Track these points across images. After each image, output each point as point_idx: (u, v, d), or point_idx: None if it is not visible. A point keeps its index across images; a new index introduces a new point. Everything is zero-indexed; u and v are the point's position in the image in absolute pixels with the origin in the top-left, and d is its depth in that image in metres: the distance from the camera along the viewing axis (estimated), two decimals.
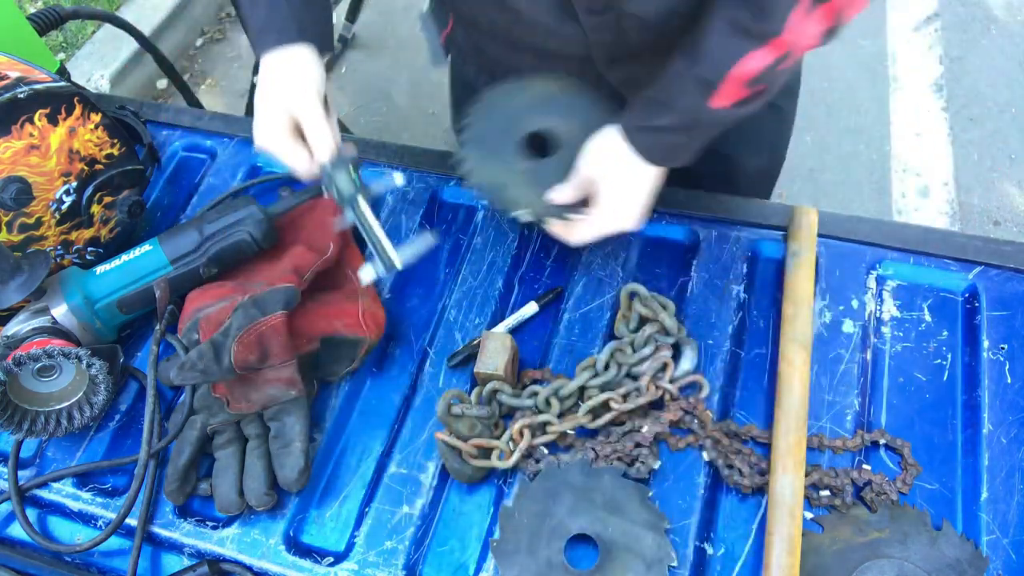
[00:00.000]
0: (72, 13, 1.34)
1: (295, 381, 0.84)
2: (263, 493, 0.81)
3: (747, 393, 0.87)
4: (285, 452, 0.82)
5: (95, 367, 0.83)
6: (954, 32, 2.67)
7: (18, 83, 0.87)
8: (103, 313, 0.91)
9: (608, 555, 0.76)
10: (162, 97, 2.75)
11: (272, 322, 0.82)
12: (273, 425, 0.84)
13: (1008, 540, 0.76)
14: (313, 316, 0.89)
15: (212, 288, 0.92)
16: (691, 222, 1.00)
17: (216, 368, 0.80)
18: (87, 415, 0.87)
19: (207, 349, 0.80)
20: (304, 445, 0.82)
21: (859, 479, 0.80)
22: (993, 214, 2.26)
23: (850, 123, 2.48)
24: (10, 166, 0.86)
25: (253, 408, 0.84)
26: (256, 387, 0.84)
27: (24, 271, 0.87)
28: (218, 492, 0.82)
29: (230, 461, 0.83)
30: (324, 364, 0.90)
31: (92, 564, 0.84)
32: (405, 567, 0.80)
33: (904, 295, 0.93)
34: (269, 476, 0.82)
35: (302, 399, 0.84)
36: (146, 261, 0.92)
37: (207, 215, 0.95)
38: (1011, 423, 0.83)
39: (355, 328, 0.89)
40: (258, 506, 0.81)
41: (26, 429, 0.84)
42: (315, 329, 0.88)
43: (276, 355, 0.83)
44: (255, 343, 0.82)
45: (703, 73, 0.75)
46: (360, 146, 1.12)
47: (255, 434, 0.84)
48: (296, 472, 0.81)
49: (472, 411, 0.83)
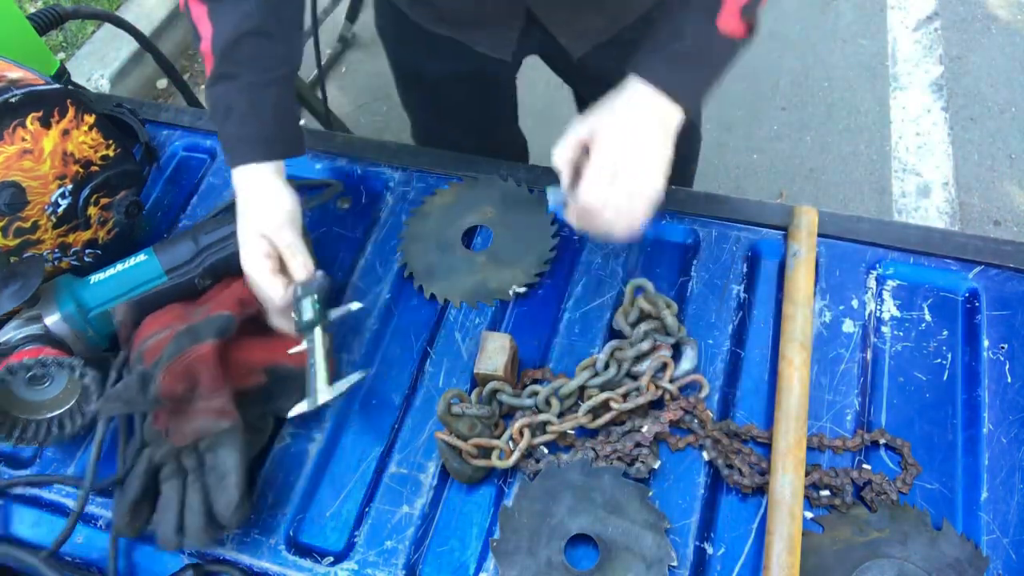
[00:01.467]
0: (72, 13, 1.34)
1: (227, 412, 0.80)
2: (200, 528, 0.77)
3: (747, 393, 0.87)
4: (220, 487, 0.78)
5: (87, 377, 0.83)
6: (954, 32, 2.66)
7: (9, 87, 0.87)
8: (96, 322, 0.90)
9: (608, 555, 0.76)
10: (162, 97, 2.75)
11: (201, 351, 0.80)
12: (208, 457, 0.80)
13: (1008, 540, 0.76)
14: (255, 347, 0.87)
15: (161, 315, 0.89)
16: (691, 222, 1.00)
17: (141, 399, 0.78)
18: (78, 424, 0.86)
19: (134, 380, 0.78)
20: (238, 478, 0.78)
21: (859, 479, 0.80)
22: (993, 214, 2.26)
23: (850, 123, 2.48)
24: (3, 171, 0.85)
25: (187, 440, 0.81)
26: (188, 419, 0.81)
27: (18, 279, 0.86)
28: (159, 528, 0.79)
29: (172, 494, 0.80)
30: (276, 398, 0.87)
31: (92, 564, 0.84)
32: (405, 567, 0.80)
33: (904, 295, 0.93)
34: (207, 510, 0.78)
35: (235, 430, 0.81)
36: (141, 271, 0.91)
37: (203, 225, 0.94)
38: (1011, 423, 0.83)
39: (301, 360, 0.85)
40: (196, 543, 0.78)
41: (16, 437, 0.84)
42: (257, 360, 0.86)
43: (205, 385, 0.80)
44: (183, 373, 0.79)
45: (706, 2, 0.80)
46: (360, 146, 1.12)
47: (193, 467, 0.81)
48: (230, 509, 0.77)
49: (472, 411, 0.83)
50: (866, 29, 2.71)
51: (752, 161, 2.44)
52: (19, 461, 0.91)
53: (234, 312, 0.85)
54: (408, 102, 1.40)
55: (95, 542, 0.84)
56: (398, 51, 1.28)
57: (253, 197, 0.88)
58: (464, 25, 1.09)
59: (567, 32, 1.06)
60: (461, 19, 1.08)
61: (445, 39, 1.11)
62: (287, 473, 0.86)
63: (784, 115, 2.53)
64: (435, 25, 1.11)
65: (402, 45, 1.25)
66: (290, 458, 0.87)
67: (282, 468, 0.87)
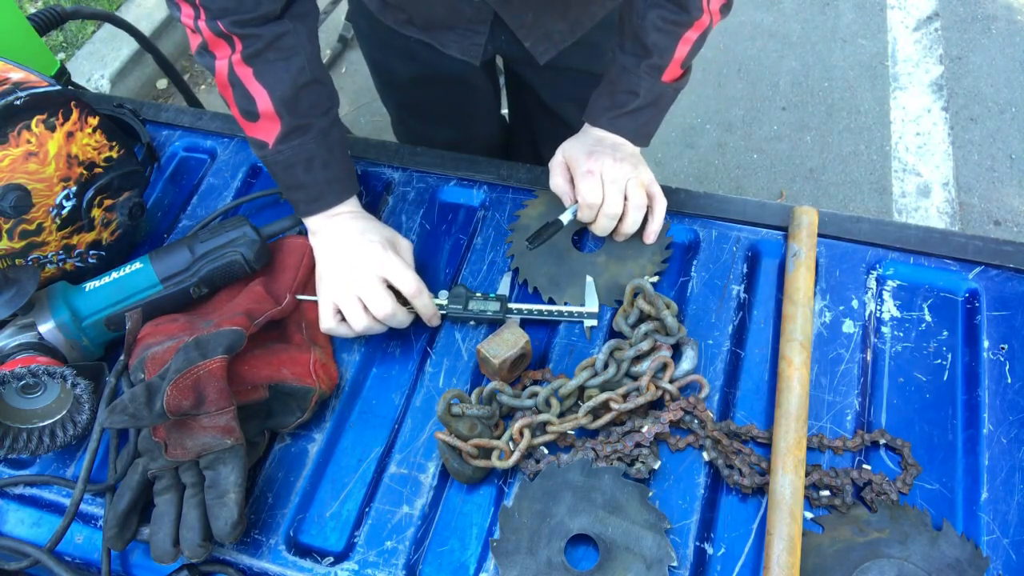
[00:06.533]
0: (72, 13, 1.34)
1: (231, 429, 0.79)
2: (197, 544, 0.77)
3: (747, 393, 0.87)
4: (219, 503, 0.78)
5: (80, 387, 0.83)
6: (954, 32, 2.67)
7: (15, 88, 0.86)
8: (91, 330, 0.90)
9: (608, 555, 0.76)
10: (162, 97, 2.75)
11: (210, 366, 0.78)
12: (208, 474, 0.79)
13: (1008, 540, 0.76)
14: (259, 362, 0.86)
15: (163, 324, 0.88)
16: (691, 222, 1.00)
17: (147, 413, 0.76)
18: (70, 433, 0.86)
19: (140, 392, 0.76)
20: (238, 496, 0.78)
21: (859, 479, 0.80)
22: (993, 214, 2.26)
23: (850, 123, 2.49)
24: (8, 174, 0.85)
25: (188, 455, 0.79)
26: (191, 434, 0.79)
27: (12, 286, 0.86)
28: (153, 540, 0.78)
29: (167, 508, 0.79)
30: (275, 415, 0.87)
31: (92, 564, 0.84)
32: (405, 567, 0.80)
33: (904, 295, 0.93)
34: (204, 526, 0.78)
35: (239, 448, 0.80)
36: (136, 279, 0.91)
37: (200, 234, 0.94)
38: (1011, 423, 0.83)
39: (304, 378, 0.86)
40: (192, 557, 0.77)
41: (8, 446, 0.84)
42: (261, 376, 0.85)
43: (212, 401, 0.78)
44: (190, 388, 0.77)
45: (655, 62, 0.94)
46: (360, 146, 1.12)
47: (191, 482, 0.80)
48: (228, 526, 0.77)
49: (472, 411, 0.83)
50: (866, 29, 2.71)
51: (752, 161, 2.44)
52: (18, 461, 0.91)
53: (243, 327, 0.84)
54: (385, 100, 1.45)
55: (95, 542, 0.84)
56: (373, 52, 1.31)
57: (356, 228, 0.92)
58: (433, 29, 1.13)
59: (532, 36, 1.11)
60: (430, 23, 1.11)
61: (416, 41, 1.15)
62: (287, 473, 0.86)
63: (784, 115, 2.53)
64: (405, 28, 1.14)
65: (376, 46, 1.29)
66: (290, 458, 0.87)
67: (282, 468, 0.87)
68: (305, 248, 0.97)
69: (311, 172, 0.91)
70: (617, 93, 0.96)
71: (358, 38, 1.32)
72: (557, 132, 1.10)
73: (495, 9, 1.05)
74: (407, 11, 1.12)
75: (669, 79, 0.95)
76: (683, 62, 0.95)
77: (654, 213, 0.96)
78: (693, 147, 2.48)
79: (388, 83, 1.37)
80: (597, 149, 0.94)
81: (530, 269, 0.98)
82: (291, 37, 0.88)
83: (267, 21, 0.86)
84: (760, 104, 2.56)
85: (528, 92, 1.33)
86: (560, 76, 1.23)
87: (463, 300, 0.92)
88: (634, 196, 0.93)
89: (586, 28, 1.15)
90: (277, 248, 0.98)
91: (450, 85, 1.28)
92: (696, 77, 2.24)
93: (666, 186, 0.99)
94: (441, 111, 1.37)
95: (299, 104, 0.89)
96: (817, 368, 0.88)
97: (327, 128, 0.92)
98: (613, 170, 0.92)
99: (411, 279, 0.89)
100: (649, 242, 0.97)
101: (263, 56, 0.86)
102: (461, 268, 1.00)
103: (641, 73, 0.94)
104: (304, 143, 0.90)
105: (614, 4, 1.13)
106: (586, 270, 0.97)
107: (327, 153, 0.92)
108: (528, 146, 1.51)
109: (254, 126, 0.90)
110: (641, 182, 0.94)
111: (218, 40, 0.85)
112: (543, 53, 1.14)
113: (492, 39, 1.13)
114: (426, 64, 1.21)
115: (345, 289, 0.88)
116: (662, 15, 0.91)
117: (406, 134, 1.51)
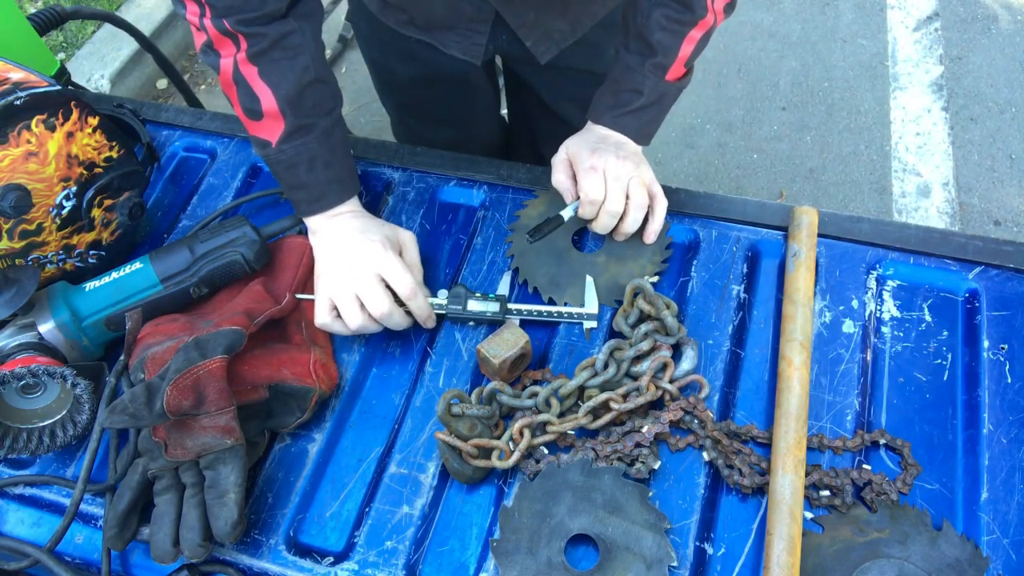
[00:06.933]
0: (72, 13, 1.34)
1: (231, 430, 0.79)
2: (197, 544, 0.77)
3: (747, 393, 0.87)
4: (219, 503, 0.78)
5: (80, 387, 0.83)
6: (954, 32, 2.67)
7: (15, 88, 0.86)
8: (91, 330, 0.90)
9: (608, 555, 0.76)
10: (162, 97, 2.75)
11: (210, 366, 0.78)
12: (208, 474, 0.79)
13: (1008, 540, 0.76)
14: (259, 362, 0.86)
15: (163, 323, 0.88)
16: (691, 222, 1.00)
17: (147, 413, 0.76)
18: (70, 433, 0.86)
19: (140, 392, 0.76)
20: (238, 496, 0.78)
21: (859, 479, 0.80)
22: (993, 214, 2.26)
23: (850, 123, 2.49)
24: (8, 174, 0.85)
25: (188, 455, 0.79)
26: (191, 434, 0.79)
27: (12, 286, 0.86)
28: (153, 540, 0.78)
29: (167, 508, 0.79)
30: (275, 415, 0.87)
31: (92, 564, 0.84)
32: (405, 567, 0.80)
33: (904, 295, 0.93)
34: (204, 526, 0.78)
35: (239, 448, 0.80)
36: (136, 279, 0.91)
37: (200, 234, 0.94)
38: (1011, 423, 0.83)
39: (304, 378, 0.86)
40: (192, 557, 0.77)
41: (7, 447, 0.84)
42: (260, 376, 0.85)
43: (212, 401, 0.78)
44: (190, 388, 0.77)
45: (659, 61, 0.94)
46: (360, 146, 1.12)
47: (191, 482, 0.80)
48: (228, 526, 0.77)
49: (472, 411, 0.83)
50: (866, 29, 2.71)
51: (752, 161, 2.44)
52: (18, 461, 0.91)
53: (243, 326, 0.84)
54: (385, 100, 1.45)
55: (95, 542, 0.84)
56: (372, 52, 1.32)
57: (356, 227, 0.92)
58: (434, 29, 1.13)
59: (533, 35, 1.11)
60: (431, 23, 1.11)
61: (416, 42, 1.15)
62: (287, 473, 0.86)
63: (784, 115, 2.53)
64: (405, 28, 1.14)
65: (375, 46, 1.29)
66: (290, 458, 0.87)
67: (282, 468, 0.87)
68: (305, 248, 0.97)
69: (313, 172, 0.91)
70: (621, 92, 0.97)
71: (358, 38, 1.32)
72: (557, 132, 1.11)
73: (496, 8, 1.05)
74: (408, 11, 1.12)
75: (673, 78, 0.96)
76: (687, 61, 0.95)
77: (655, 213, 0.96)
78: (693, 147, 2.48)
79: (388, 83, 1.37)
80: (600, 147, 0.95)
81: (530, 269, 0.97)
82: (296, 36, 0.88)
83: (272, 20, 0.86)
84: (760, 104, 2.56)
85: (528, 92, 1.33)
86: (560, 76, 1.23)
87: (463, 300, 0.92)
88: (636, 195, 0.93)
89: (587, 27, 1.15)
90: (277, 248, 0.98)
91: (450, 85, 1.28)
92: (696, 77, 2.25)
93: (666, 186, 0.99)
94: (441, 111, 1.37)
95: (303, 104, 0.89)
96: (817, 368, 0.88)
97: (330, 128, 0.92)
98: (616, 168, 0.92)
99: (408, 280, 0.89)
100: (649, 242, 0.97)
101: (268, 55, 0.86)
102: (461, 268, 1.00)
103: (645, 72, 0.95)
104: (307, 143, 0.90)
105: (615, 3, 1.14)
106: (586, 270, 0.97)
107: (329, 153, 0.92)
108: (528, 146, 1.51)
109: (257, 125, 0.90)
110: (643, 181, 0.94)
111: (223, 38, 0.85)
112: (544, 53, 1.15)
113: (493, 39, 1.13)
114: (426, 64, 1.21)
115: (343, 286, 0.88)
116: (667, 14, 0.91)
117: (406, 134, 1.51)
